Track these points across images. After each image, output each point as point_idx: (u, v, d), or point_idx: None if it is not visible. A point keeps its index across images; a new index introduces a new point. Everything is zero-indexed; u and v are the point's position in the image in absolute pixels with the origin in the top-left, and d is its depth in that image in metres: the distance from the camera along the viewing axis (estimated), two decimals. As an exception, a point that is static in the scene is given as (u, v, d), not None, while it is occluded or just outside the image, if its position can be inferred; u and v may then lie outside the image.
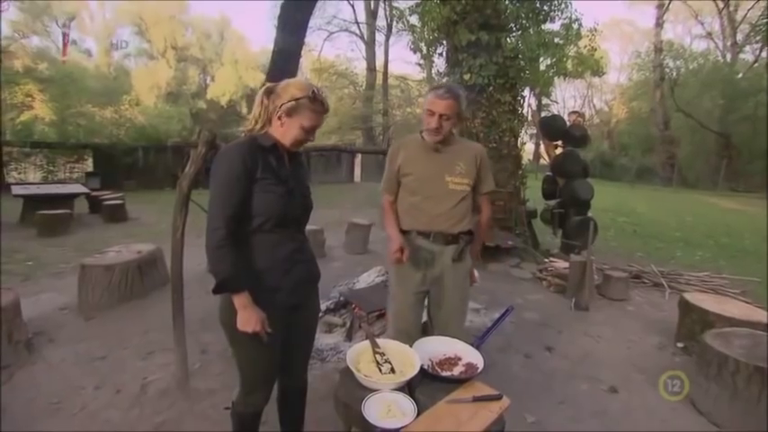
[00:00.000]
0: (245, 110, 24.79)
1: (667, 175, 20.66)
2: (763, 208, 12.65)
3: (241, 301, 1.30)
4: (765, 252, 6.12)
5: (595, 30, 5.39)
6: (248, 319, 1.31)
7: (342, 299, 3.33)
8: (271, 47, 6.00)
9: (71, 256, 4.87)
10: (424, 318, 2.07)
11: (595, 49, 5.45)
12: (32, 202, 6.60)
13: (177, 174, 12.55)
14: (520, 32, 5.25)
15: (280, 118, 1.36)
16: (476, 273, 1.99)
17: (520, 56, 5.07)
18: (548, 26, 5.49)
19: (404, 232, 1.84)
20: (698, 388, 2.36)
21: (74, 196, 7.28)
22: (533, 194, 5.86)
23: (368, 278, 3.82)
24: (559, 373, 2.67)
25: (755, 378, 2.11)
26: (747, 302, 3.44)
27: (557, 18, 5.47)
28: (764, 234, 8.16)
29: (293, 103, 1.34)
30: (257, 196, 1.33)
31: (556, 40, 5.03)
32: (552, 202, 5.29)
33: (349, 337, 3.01)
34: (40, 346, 2.71)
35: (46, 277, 4.16)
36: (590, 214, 5.30)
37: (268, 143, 1.38)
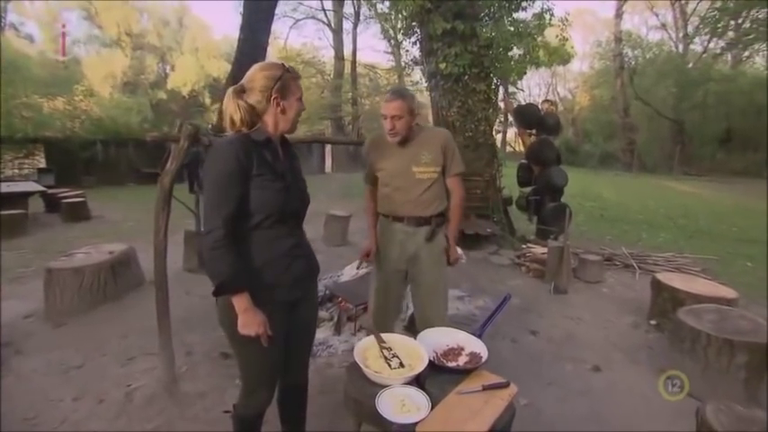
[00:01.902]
0: (207, 100, 23.84)
1: (628, 161, 21.68)
2: (713, 190, 13.57)
3: (241, 303, 1.25)
4: (720, 233, 6.57)
5: (566, 20, 5.52)
6: (249, 322, 1.27)
7: (327, 293, 3.29)
8: (233, 34, 5.77)
9: (31, 259, 4.55)
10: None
11: (567, 39, 5.59)
12: (-20, 201, 6.09)
13: (140, 168, 12.01)
14: (493, 21, 5.29)
15: (278, 104, 1.32)
16: (459, 250, 2.16)
17: (494, 45, 5.12)
18: (520, 15, 5.56)
19: (383, 216, 2.06)
20: (672, 362, 2.52)
21: (28, 195, 6.78)
22: (507, 182, 5.99)
23: (351, 271, 3.78)
24: (545, 355, 2.77)
25: (725, 350, 2.26)
26: (709, 279, 3.69)
27: (528, 7, 5.54)
28: (717, 215, 8.76)
29: (281, 83, 1.31)
30: (254, 193, 1.27)
31: (529, 29, 5.09)
32: (527, 190, 5.42)
33: (338, 331, 2.99)
34: (7, 358, 2.52)
35: (4, 283, 3.86)
36: (562, 200, 5.48)
37: (261, 138, 1.32)
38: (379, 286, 2.11)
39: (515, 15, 5.54)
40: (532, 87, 32.19)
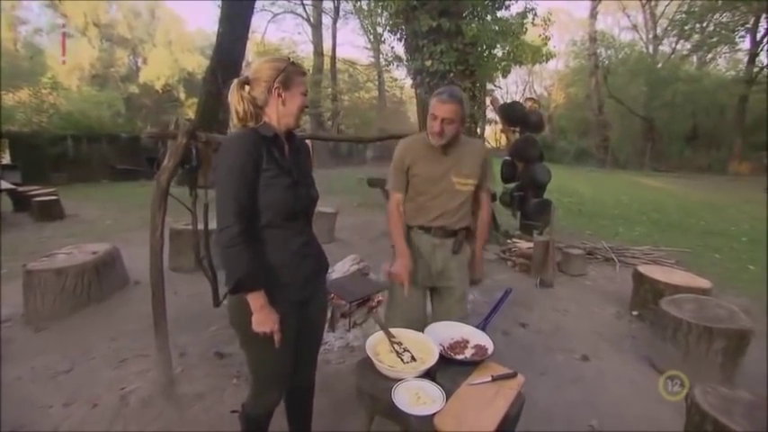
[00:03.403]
0: (182, 95, 23.16)
1: (602, 157, 22.40)
2: (681, 186, 14.20)
3: (257, 301, 1.25)
4: (690, 226, 6.88)
5: (549, 19, 5.65)
6: (264, 319, 1.27)
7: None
8: (209, 27, 5.65)
9: (2, 260, 4.33)
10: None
11: (549, 38, 5.73)
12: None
13: (114, 165, 11.57)
14: (478, 19, 5.36)
15: (280, 95, 1.31)
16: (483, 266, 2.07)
17: (479, 43, 5.19)
18: (503, 14, 5.65)
19: (410, 228, 1.91)
20: (655, 349, 2.66)
21: (-5, 193, 6.44)
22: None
23: (343, 267, 3.78)
24: (536, 346, 2.86)
25: (704, 336, 2.40)
26: (685, 271, 3.88)
27: (512, 6, 5.64)
28: (686, 209, 9.19)
29: (284, 75, 1.30)
30: (262, 190, 1.27)
31: (512, 28, 5.19)
32: (511, 186, 5.53)
33: (332, 327, 2.99)
34: (-14, 365, 2.41)
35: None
36: (545, 196, 5.62)
37: (270, 133, 1.31)
38: (399, 306, 1.92)
39: (499, 14, 5.64)
40: (510, 85, 32.71)
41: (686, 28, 21.18)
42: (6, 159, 10.80)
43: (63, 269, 2.98)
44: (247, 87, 1.33)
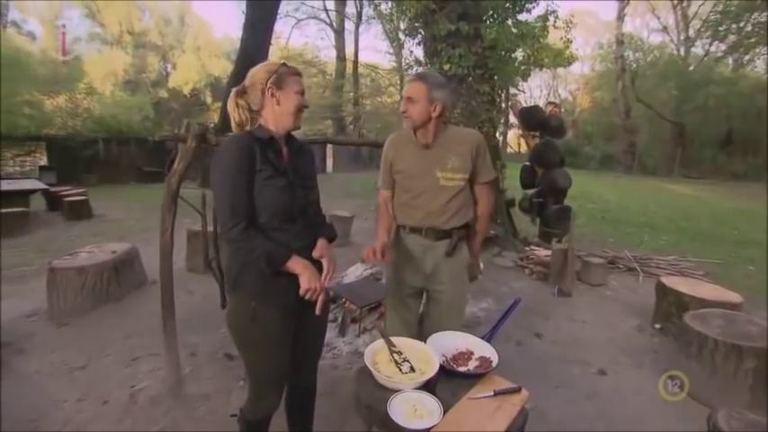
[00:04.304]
0: (209, 99, 23.84)
1: (628, 163, 21.67)
2: (714, 193, 13.56)
3: (297, 264, 1.28)
4: (722, 236, 6.56)
5: (571, 22, 5.52)
6: (313, 275, 1.29)
7: (331, 294, 3.28)
8: (235, 33, 5.79)
9: (32, 257, 4.54)
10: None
11: (571, 41, 5.58)
12: (-19, 199, 6.07)
13: (141, 167, 11.99)
14: (497, 22, 5.28)
15: (273, 95, 1.32)
16: (481, 265, 1.97)
17: (498, 46, 5.11)
18: (524, 17, 5.56)
19: (399, 226, 1.83)
20: (678, 367, 2.50)
21: (30, 192, 6.77)
22: (509, 183, 5.99)
23: (356, 271, 3.77)
24: (551, 358, 2.76)
25: (732, 355, 2.25)
26: (713, 284, 3.67)
27: (533, 9, 5.54)
28: (718, 218, 8.76)
29: (276, 76, 1.31)
30: (258, 191, 1.28)
31: (533, 31, 5.09)
32: (531, 191, 5.41)
33: (342, 332, 2.97)
34: (9, 358, 2.50)
35: (6, 282, 3.84)
36: (565, 203, 5.47)
37: (265, 136, 1.33)
38: (393, 305, 1.92)
39: (519, 17, 5.54)
40: (533, 89, 32.18)
41: (721, 29, 20.28)
42: (44, 161, 11.39)
43: (84, 267, 3.09)
44: (245, 96, 1.36)
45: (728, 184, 16.29)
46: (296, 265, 1.27)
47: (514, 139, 24.27)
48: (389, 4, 7.12)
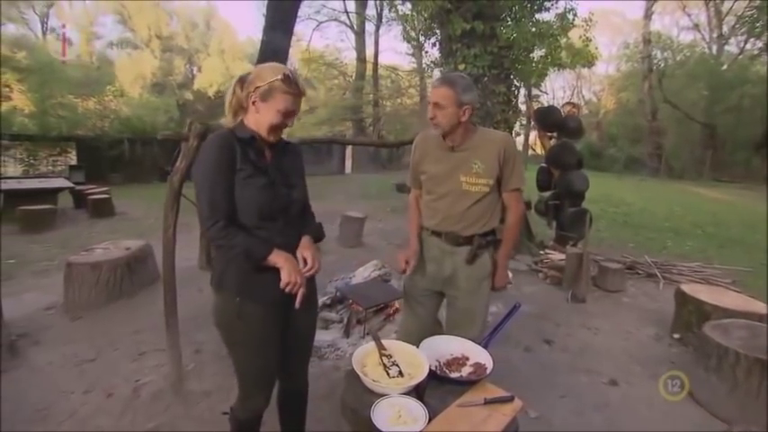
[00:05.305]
0: (233, 101, 24.32)
1: (654, 166, 20.88)
2: (747, 198, 12.91)
3: (279, 257, 1.27)
4: (754, 242, 6.23)
5: (590, 20, 5.35)
6: (293, 269, 1.29)
7: (338, 294, 3.27)
8: (257, 36, 5.85)
9: (55, 253, 4.71)
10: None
11: (590, 40, 5.41)
12: (13, 196, 6.36)
13: (163, 167, 12.32)
14: (514, 21, 5.18)
15: (254, 103, 1.31)
16: (509, 274, 1.89)
17: (515, 46, 5.01)
18: (542, 16, 5.42)
19: (423, 227, 1.83)
20: (697, 380, 2.37)
21: (58, 191, 7.05)
22: (525, 185, 5.84)
23: (364, 272, 3.75)
24: (560, 366, 2.66)
25: (755, 370, 2.12)
26: (739, 292, 3.48)
27: (551, 8, 5.40)
28: (750, 224, 8.32)
29: (266, 86, 1.28)
30: (239, 189, 1.28)
31: (551, 30, 4.96)
32: (547, 194, 5.27)
33: (346, 333, 2.96)
34: (25, 348, 2.60)
35: (29, 276, 4.01)
36: (583, 205, 5.30)
37: (245, 135, 1.32)
38: (409, 303, 1.89)
39: (537, 16, 5.41)
40: (557, 90, 31.44)
41: (758, 25, 19.35)
42: (73, 160, 11.88)
43: (98, 263, 3.18)
44: (245, 84, 1.35)
45: (762, 189, 15.49)
46: (278, 258, 1.27)
47: (535, 141, 23.78)
48: (407, 5, 7.11)
